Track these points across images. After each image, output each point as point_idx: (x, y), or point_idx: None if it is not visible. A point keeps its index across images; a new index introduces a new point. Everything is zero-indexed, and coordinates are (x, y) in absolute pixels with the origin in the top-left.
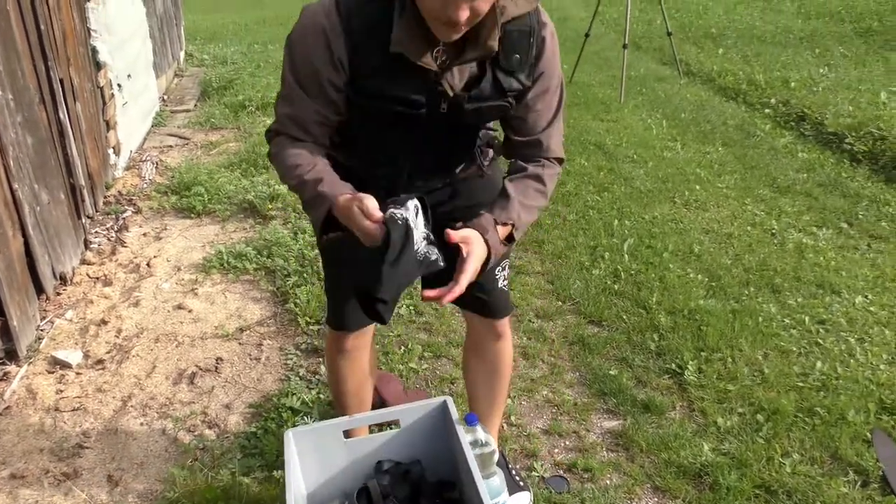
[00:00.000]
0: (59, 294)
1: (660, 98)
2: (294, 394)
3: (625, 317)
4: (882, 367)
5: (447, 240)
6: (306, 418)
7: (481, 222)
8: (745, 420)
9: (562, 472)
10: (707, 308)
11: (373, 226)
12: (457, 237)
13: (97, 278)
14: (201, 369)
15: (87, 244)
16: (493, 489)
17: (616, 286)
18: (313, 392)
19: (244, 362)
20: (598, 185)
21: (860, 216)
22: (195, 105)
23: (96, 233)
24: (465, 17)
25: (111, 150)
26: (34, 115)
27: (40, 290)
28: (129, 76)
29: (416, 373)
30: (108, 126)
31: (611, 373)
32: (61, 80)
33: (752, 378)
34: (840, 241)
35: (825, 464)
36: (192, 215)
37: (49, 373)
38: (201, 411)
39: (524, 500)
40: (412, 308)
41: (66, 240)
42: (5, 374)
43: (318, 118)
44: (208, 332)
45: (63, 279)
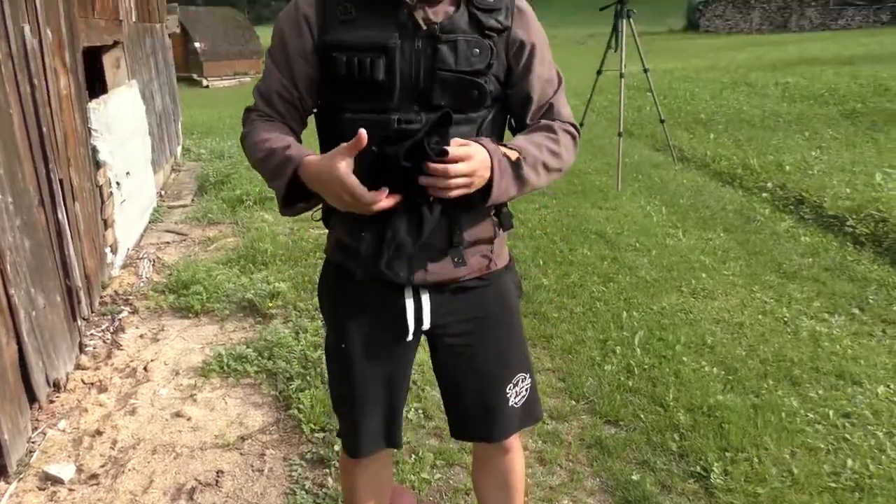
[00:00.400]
0: (51, 402)
1: (657, 184)
2: None
3: (642, 415)
4: None
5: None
6: None
7: (477, 138)
8: None
9: None
10: (727, 404)
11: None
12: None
13: (92, 384)
14: (201, 483)
15: (81, 347)
16: None
17: (630, 382)
18: None
19: (246, 475)
20: (603, 276)
21: (871, 301)
22: (192, 200)
23: (91, 335)
24: None
25: (108, 249)
26: (33, 218)
27: (33, 398)
28: (127, 174)
29: (429, 483)
30: (106, 224)
31: (633, 478)
32: (61, 181)
33: (781, 479)
34: (854, 328)
35: None
36: (191, 315)
37: (40, 489)
38: None
39: None
40: (421, 412)
41: (60, 344)
42: None
43: (283, 92)
44: (208, 442)
45: (56, 386)
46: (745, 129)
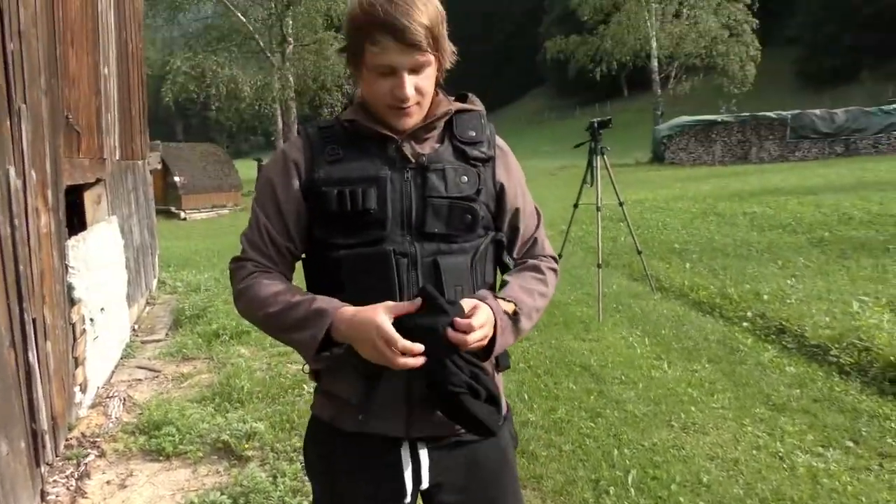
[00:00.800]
0: None
1: (637, 315)
2: None
3: None
4: None
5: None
6: None
7: (478, 294)
8: None
9: None
10: None
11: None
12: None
13: None
14: None
15: (43, 495)
16: None
17: None
18: None
19: None
20: (591, 411)
21: (864, 433)
22: (167, 335)
23: (55, 482)
24: (411, 94)
25: (78, 388)
26: (2, 359)
27: None
28: (102, 309)
29: None
30: (77, 363)
31: None
32: (34, 320)
33: None
34: (850, 462)
35: None
36: (162, 458)
37: None
38: None
39: None
40: None
41: (21, 493)
42: None
43: (277, 239)
44: None
45: None
46: (719, 258)
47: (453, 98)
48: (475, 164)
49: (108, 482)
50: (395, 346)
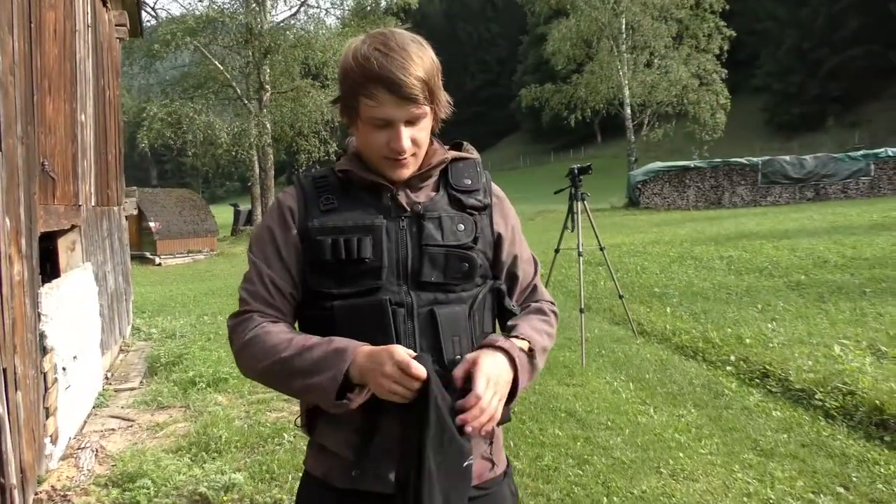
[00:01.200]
0: None
1: (620, 359)
2: None
3: None
4: None
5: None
6: None
7: (489, 338)
8: None
9: None
10: None
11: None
12: (460, 370)
13: None
14: None
15: None
16: None
17: None
18: None
19: None
20: (578, 458)
21: (854, 478)
22: (141, 382)
23: None
24: (407, 146)
25: (48, 440)
26: None
27: None
28: (74, 358)
29: None
30: (48, 413)
31: None
32: (4, 370)
33: None
34: None
35: None
36: None
37: None
38: None
39: None
40: None
41: None
42: None
43: (281, 285)
44: None
45: None
46: (699, 301)
47: (448, 147)
48: (472, 213)
49: None
50: (409, 369)
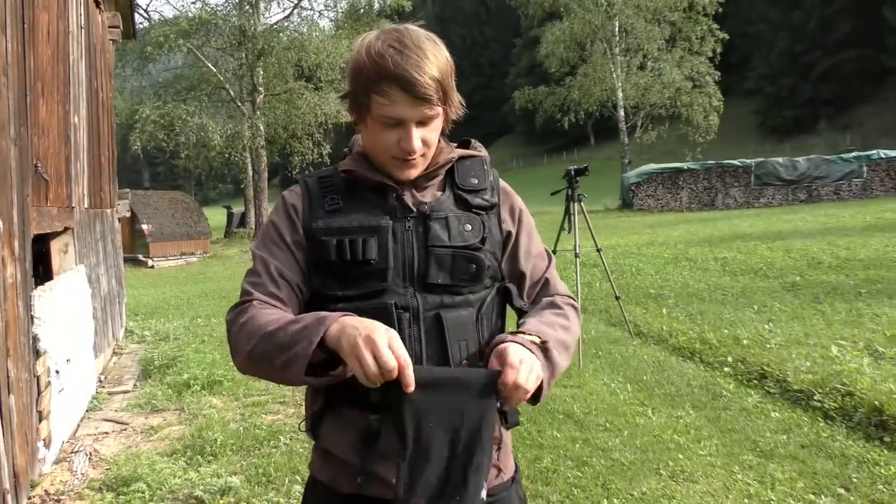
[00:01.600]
0: None
1: (617, 361)
2: None
3: None
4: None
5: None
6: None
7: (499, 337)
8: None
9: None
10: None
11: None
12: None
13: None
14: None
15: None
16: None
17: None
18: None
19: None
20: (577, 460)
21: (854, 479)
22: (134, 385)
23: None
24: (418, 146)
25: (41, 443)
26: None
27: None
28: (68, 360)
29: None
30: (41, 416)
31: None
32: None
33: None
34: None
35: None
36: None
37: None
38: None
39: None
40: None
41: None
42: None
43: (286, 274)
44: None
45: None
46: (695, 302)
47: (455, 144)
48: (478, 213)
49: None
50: (381, 357)
